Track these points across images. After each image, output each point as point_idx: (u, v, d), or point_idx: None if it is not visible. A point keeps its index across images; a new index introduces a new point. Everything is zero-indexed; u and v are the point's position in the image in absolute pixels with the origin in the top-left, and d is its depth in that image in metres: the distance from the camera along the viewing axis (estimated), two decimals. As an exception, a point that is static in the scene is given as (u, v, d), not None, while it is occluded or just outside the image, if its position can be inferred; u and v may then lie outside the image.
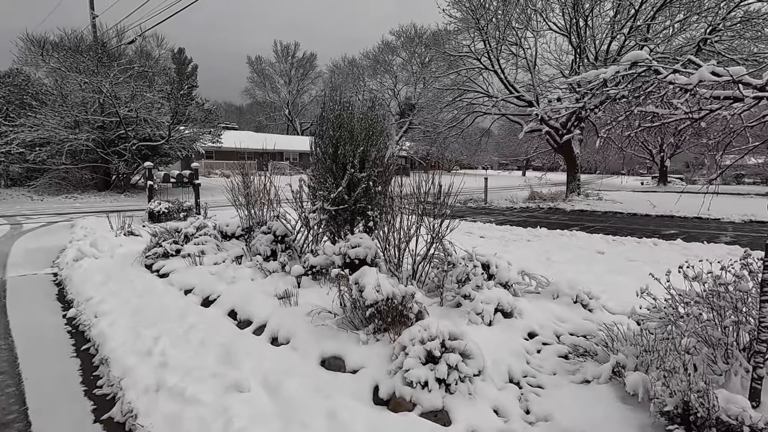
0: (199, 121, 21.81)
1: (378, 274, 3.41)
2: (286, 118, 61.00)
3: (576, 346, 2.89)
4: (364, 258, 4.61)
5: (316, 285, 4.60)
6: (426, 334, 2.64)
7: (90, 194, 19.71)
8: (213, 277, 4.89)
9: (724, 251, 8.08)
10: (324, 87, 53.99)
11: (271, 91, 61.56)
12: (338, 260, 4.64)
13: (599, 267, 6.76)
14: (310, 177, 5.72)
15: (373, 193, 5.55)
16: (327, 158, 5.55)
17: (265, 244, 5.81)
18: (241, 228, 7.28)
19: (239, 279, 4.65)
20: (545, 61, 21.27)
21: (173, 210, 11.69)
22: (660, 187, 41.26)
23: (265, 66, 60.59)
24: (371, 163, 5.45)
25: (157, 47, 44.14)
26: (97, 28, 22.84)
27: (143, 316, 3.98)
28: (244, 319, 3.85)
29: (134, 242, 8.28)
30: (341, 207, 5.36)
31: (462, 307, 3.61)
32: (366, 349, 3.03)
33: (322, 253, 4.98)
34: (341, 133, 5.42)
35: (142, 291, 4.74)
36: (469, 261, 4.23)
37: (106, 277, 5.34)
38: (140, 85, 19.44)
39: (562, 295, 4.00)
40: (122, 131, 18.96)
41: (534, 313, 3.76)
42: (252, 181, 6.60)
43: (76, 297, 4.85)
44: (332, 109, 5.61)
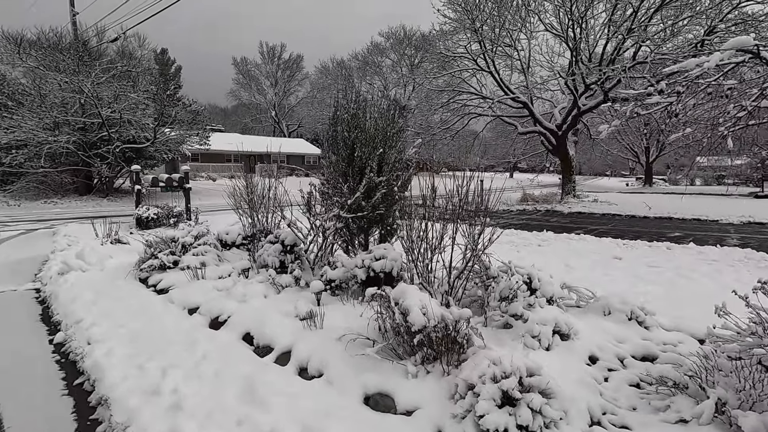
0: (186, 123, 21.05)
1: (420, 292, 2.99)
2: (272, 120, 60.08)
3: (663, 378, 2.52)
4: (390, 271, 4.19)
5: (337, 302, 4.15)
6: (498, 370, 2.23)
7: (71, 199, 18.80)
8: (220, 293, 4.39)
9: (740, 255, 7.88)
10: (312, 88, 53.38)
11: (257, 93, 60.59)
12: (361, 274, 4.21)
13: (622, 274, 6.45)
14: (323, 182, 5.27)
15: (392, 198, 5.14)
16: (342, 161, 5.11)
17: (273, 254, 5.33)
18: (242, 236, 6.78)
19: (251, 296, 4.17)
20: (536, 62, 21.17)
21: (162, 216, 11.05)
22: (646, 188, 41.76)
23: (250, 67, 59.64)
24: (390, 165, 5.03)
25: (139, 47, 43.00)
26: (78, 27, 21.92)
27: (144, 343, 3.47)
28: (263, 345, 3.38)
29: (124, 252, 7.69)
30: (359, 214, 4.92)
31: (513, 329, 3.20)
32: (417, 383, 2.60)
33: (340, 266, 4.54)
34: (357, 134, 4.99)
35: (139, 311, 4.21)
36: (504, 272, 3.84)
37: (97, 294, 4.79)
38: (123, 86, 18.63)
39: (614, 311, 3.63)
40: (105, 133, 18.13)
41: (587, 332, 3.39)
42: (256, 185, 6.11)
43: (63, 318, 4.30)
44: (346, 108, 5.17)
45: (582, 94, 17.49)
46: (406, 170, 5.28)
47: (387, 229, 5.34)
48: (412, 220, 4.04)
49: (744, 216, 14.89)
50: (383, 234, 5.36)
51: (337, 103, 5.19)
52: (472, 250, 3.67)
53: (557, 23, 18.15)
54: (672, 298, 5.08)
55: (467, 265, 3.69)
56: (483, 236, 3.66)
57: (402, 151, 5.18)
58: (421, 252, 3.97)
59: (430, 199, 4.01)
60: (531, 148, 32.33)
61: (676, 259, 7.57)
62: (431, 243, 3.90)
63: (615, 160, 51.80)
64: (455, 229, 3.88)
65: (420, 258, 3.98)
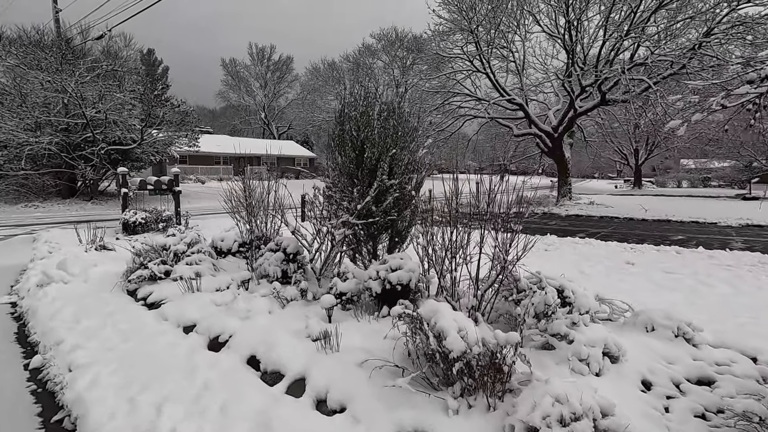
0: (175, 124, 20.42)
1: (455, 312, 2.62)
2: (262, 122, 59.31)
3: (747, 413, 2.19)
4: (407, 283, 3.82)
5: (349, 317, 3.76)
6: (566, 410, 1.87)
7: (53, 202, 18.05)
8: (219, 309, 3.97)
9: (752, 259, 7.68)
10: (302, 90, 52.80)
11: (246, 95, 59.77)
12: (376, 286, 3.82)
13: (639, 281, 6.17)
14: (328, 185, 4.88)
15: (404, 203, 4.78)
16: (350, 163, 4.73)
17: (275, 264, 4.92)
18: (238, 243, 6.35)
19: (254, 312, 3.75)
20: (529, 65, 21.06)
21: (151, 220, 10.53)
22: (636, 190, 42.06)
23: (239, 68, 58.82)
24: (403, 167, 4.66)
25: (125, 47, 42.08)
26: (61, 25, 21.18)
27: (135, 370, 3.04)
28: (272, 371, 2.98)
29: (109, 259, 7.18)
30: (369, 220, 4.54)
31: (556, 351, 2.85)
32: (460, 421, 2.23)
33: (351, 277, 4.15)
34: (367, 133, 4.62)
35: (128, 329, 3.77)
36: (534, 284, 3.50)
37: (80, 309, 4.32)
38: (109, 85, 17.97)
39: (658, 327, 3.31)
40: (89, 134, 17.45)
41: (634, 352, 3.05)
42: (255, 188, 5.68)
43: (41, 338, 3.84)
44: (354, 105, 4.79)
45: (578, 96, 17.37)
46: (417, 172, 4.92)
47: (399, 235, 4.97)
48: (432, 226, 3.67)
49: (741, 218, 14.86)
50: (395, 241, 4.99)
51: (344, 100, 4.81)
52: (503, 260, 3.32)
53: (553, 25, 18.04)
54: (701, 308, 4.80)
55: (498, 277, 3.33)
56: (515, 244, 3.31)
57: (415, 151, 4.81)
58: (444, 262, 3.60)
59: (454, 203, 3.64)
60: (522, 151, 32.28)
61: (690, 264, 7.34)
62: (457, 252, 3.53)
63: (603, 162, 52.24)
64: (482, 236, 3.53)
65: (443, 268, 3.61)
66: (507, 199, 3.47)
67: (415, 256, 4.13)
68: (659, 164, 58.99)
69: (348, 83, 37.84)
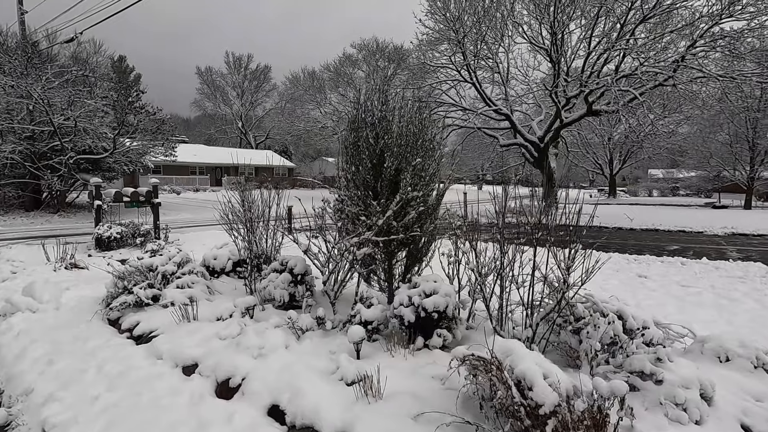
0: (150, 132, 19.44)
1: (535, 353, 2.18)
2: (239, 131, 58.04)
3: None
4: (444, 310, 3.35)
5: (379, 351, 3.26)
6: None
7: (15, 215, 16.75)
8: (224, 343, 3.39)
9: (761, 270, 7.57)
10: (280, 99, 52.04)
11: (222, 103, 58.46)
12: (409, 314, 3.34)
13: (660, 296, 5.91)
14: (341, 197, 4.38)
15: (428, 217, 4.33)
16: (366, 174, 4.26)
17: (281, 286, 4.38)
18: (232, 261, 5.75)
19: (269, 348, 3.20)
20: (512, 76, 21.22)
21: (127, 235, 9.74)
22: (611, 199, 43.04)
23: (216, 77, 57.55)
24: (428, 177, 4.23)
25: (95, 54, 40.50)
26: (26, 27, 19.98)
27: (128, 429, 2.45)
28: (302, 426, 2.45)
29: (83, 281, 6.44)
30: (392, 237, 4.07)
31: (641, 393, 2.44)
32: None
33: (376, 303, 3.66)
34: (387, 141, 4.16)
35: (115, 372, 3.14)
36: (588, 309, 3.11)
37: (54, 346, 3.65)
38: (79, 91, 16.93)
39: (733, 357, 2.94)
40: (56, 142, 16.32)
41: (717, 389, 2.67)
42: (254, 199, 5.12)
43: (6, 386, 3.16)
44: (371, 109, 4.34)
45: (564, 107, 17.47)
46: (440, 183, 4.49)
47: (419, 252, 4.51)
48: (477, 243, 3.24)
49: (725, 227, 15.11)
50: (415, 258, 4.52)
51: (360, 104, 4.34)
52: (563, 282, 2.91)
53: (538, 37, 18.17)
54: (740, 326, 4.54)
55: (558, 303, 2.91)
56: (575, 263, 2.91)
57: (439, 161, 4.39)
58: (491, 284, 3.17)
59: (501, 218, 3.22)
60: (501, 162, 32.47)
61: (702, 276, 7.16)
62: (506, 273, 3.11)
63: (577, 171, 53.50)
64: (534, 254, 3.12)
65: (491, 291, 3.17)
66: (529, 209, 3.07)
67: (438, 276, 3.69)
68: (629, 174, 61.04)
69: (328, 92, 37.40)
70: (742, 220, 17.19)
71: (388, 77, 36.44)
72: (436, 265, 4.77)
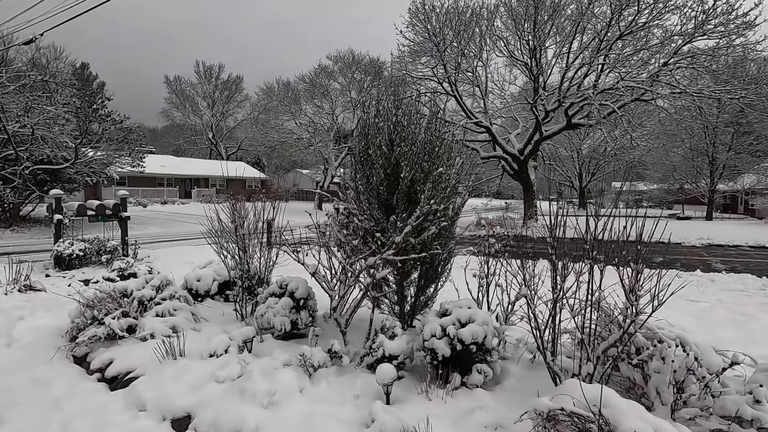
0: (116, 142, 18.31)
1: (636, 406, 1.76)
2: (209, 142, 56.37)
3: None
4: (482, 341, 2.91)
5: (411, 393, 2.78)
6: None
7: (-40, 231, 15.23)
8: (223, 387, 2.82)
9: (758, 283, 7.54)
10: (252, 110, 51.00)
11: (192, 114, 56.76)
12: (443, 347, 2.88)
13: (672, 312, 5.64)
14: (352, 211, 3.91)
15: (447, 233, 3.92)
16: (379, 185, 3.81)
17: (282, 312, 3.83)
18: (218, 282, 5.13)
19: (280, 393, 2.65)
20: (489, 90, 21.43)
21: (91, 252, 8.84)
22: (581, 211, 44.09)
23: (185, 87, 55.86)
24: (449, 189, 3.82)
25: (55, 60, 38.48)
26: (-22, 27, 18.56)
27: None
28: (338, 502, 1.93)
29: (40, 306, 5.62)
30: (412, 256, 3.62)
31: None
32: None
33: (400, 333, 3.18)
34: (403, 149, 3.74)
35: (85, 431, 2.51)
36: (649, 339, 2.75)
37: (5, 397, 2.96)
38: (38, 97, 15.73)
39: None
40: (10, 151, 15.05)
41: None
42: (246, 213, 4.55)
43: (-60, 453, 2.48)
44: (384, 114, 3.91)
45: (544, 120, 17.66)
46: (458, 195, 4.10)
47: (435, 271, 4.08)
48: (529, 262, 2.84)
49: (701, 238, 15.46)
50: (431, 278, 4.09)
51: (376, 109, 3.91)
52: (631, 308, 2.54)
53: (517, 52, 18.38)
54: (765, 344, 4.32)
55: (624, 333, 2.53)
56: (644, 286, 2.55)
57: (460, 171, 4.00)
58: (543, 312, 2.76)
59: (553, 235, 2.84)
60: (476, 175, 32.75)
61: (703, 289, 7.05)
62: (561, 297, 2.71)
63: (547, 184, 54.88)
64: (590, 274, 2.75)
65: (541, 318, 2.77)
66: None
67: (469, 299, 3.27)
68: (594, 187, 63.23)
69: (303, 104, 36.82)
70: (715, 231, 17.71)
71: (365, 90, 36.34)
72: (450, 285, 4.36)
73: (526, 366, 3.21)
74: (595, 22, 14.93)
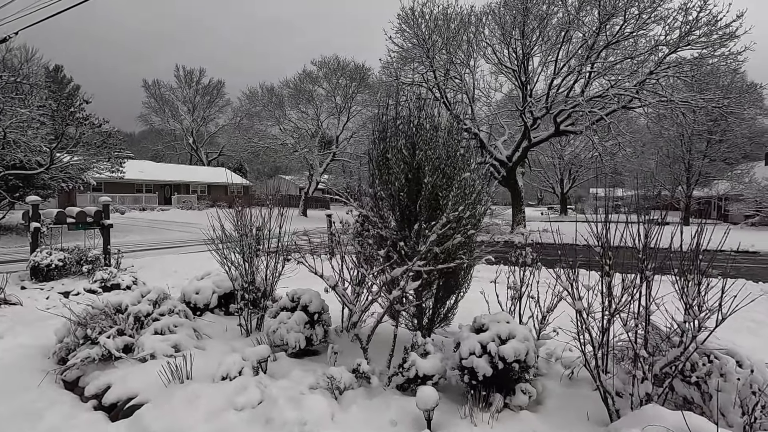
0: (94, 146, 17.57)
1: None
2: (189, 148, 55.15)
3: None
4: (525, 359, 2.71)
5: (450, 415, 2.55)
6: None
7: (-77, 240, 14.30)
8: (243, 416, 2.53)
9: (755, 288, 7.59)
10: (234, 115, 50.20)
11: (171, 118, 55.46)
12: (484, 366, 2.66)
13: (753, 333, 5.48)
14: (373, 219, 3.67)
15: (470, 242, 3.72)
16: (399, 192, 3.59)
17: (296, 328, 3.56)
18: (217, 295, 4.80)
19: (311, 421, 2.38)
20: (476, 97, 21.56)
21: (71, 262, 8.33)
22: (563, 216, 44.95)
23: (164, 91, 54.55)
24: (474, 196, 3.63)
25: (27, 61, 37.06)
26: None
27: None
28: None
29: (19, 321, 5.19)
30: (439, 267, 3.40)
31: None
32: None
33: (432, 351, 2.95)
34: (426, 153, 3.53)
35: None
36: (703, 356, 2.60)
37: (-11, 429, 2.60)
38: (11, 98, 14.97)
39: None
40: (-20, 156, 14.26)
41: None
42: (252, 221, 4.25)
43: None
44: (404, 117, 3.70)
45: (532, 127, 17.79)
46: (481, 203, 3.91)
47: (456, 282, 3.87)
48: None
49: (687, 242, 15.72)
50: (451, 289, 3.88)
51: (395, 111, 3.69)
52: (694, 323, 2.38)
53: (507, 59, 18.50)
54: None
55: (686, 350, 2.37)
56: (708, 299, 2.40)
57: (487, 175, 3.82)
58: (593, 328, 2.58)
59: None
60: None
61: (706, 296, 7.03)
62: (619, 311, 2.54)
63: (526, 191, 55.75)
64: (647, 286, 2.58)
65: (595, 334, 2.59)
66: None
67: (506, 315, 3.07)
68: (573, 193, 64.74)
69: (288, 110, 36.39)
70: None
71: (349, 96, 36.24)
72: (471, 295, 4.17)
73: (564, 382, 3.03)
74: (584, 30, 15.14)
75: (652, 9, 14.06)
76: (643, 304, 2.63)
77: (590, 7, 14.99)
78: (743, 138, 27.97)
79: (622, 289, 2.61)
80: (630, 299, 2.60)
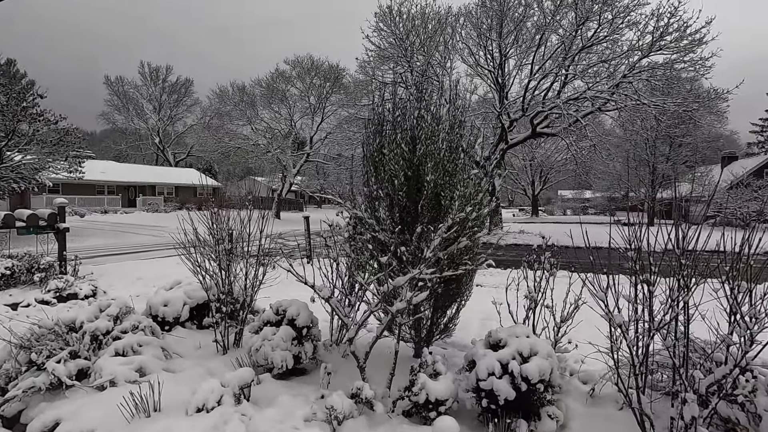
0: (50, 144, 16.36)
1: None
2: (156, 148, 52.95)
3: None
4: (549, 379, 2.40)
5: (471, 449, 2.20)
6: None
7: None
8: (225, 460, 2.09)
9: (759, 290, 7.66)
10: (203, 115, 48.57)
11: (135, 117, 53.11)
12: (504, 387, 2.33)
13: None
14: (367, 221, 3.29)
15: (473, 246, 3.40)
16: (398, 191, 3.23)
17: (282, 345, 3.14)
18: (188, 306, 4.29)
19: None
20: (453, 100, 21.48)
21: (21, 270, 7.54)
22: (534, 218, 45.84)
23: (128, 88, 52.19)
24: (480, 197, 3.31)
25: (-25, 54, 34.64)
26: None
27: None
28: None
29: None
30: (447, 273, 3.06)
31: None
32: None
33: (443, 372, 2.60)
34: (429, 148, 3.19)
35: None
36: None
37: None
38: (-46, 91, 13.72)
39: None
40: None
41: None
42: (229, 223, 3.79)
43: None
44: (402, 107, 3.35)
45: (509, 128, 17.83)
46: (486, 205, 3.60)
47: (458, 289, 3.54)
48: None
49: (660, 244, 16.08)
50: (452, 297, 3.54)
51: (393, 102, 3.34)
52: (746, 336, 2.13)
53: (483, 60, 18.48)
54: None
55: (736, 367, 2.11)
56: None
57: (493, 174, 3.50)
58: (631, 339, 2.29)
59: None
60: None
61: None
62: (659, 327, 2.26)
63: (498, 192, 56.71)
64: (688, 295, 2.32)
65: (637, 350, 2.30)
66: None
67: (526, 328, 2.76)
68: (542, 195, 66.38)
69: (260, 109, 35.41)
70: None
71: (323, 96, 35.66)
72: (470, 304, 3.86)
73: (585, 401, 2.74)
74: (561, 33, 15.28)
75: (626, 14, 14.34)
76: (682, 315, 2.36)
77: (566, 10, 15.15)
78: (703, 142, 29.24)
79: (667, 300, 2.33)
80: (675, 312, 2.33)
